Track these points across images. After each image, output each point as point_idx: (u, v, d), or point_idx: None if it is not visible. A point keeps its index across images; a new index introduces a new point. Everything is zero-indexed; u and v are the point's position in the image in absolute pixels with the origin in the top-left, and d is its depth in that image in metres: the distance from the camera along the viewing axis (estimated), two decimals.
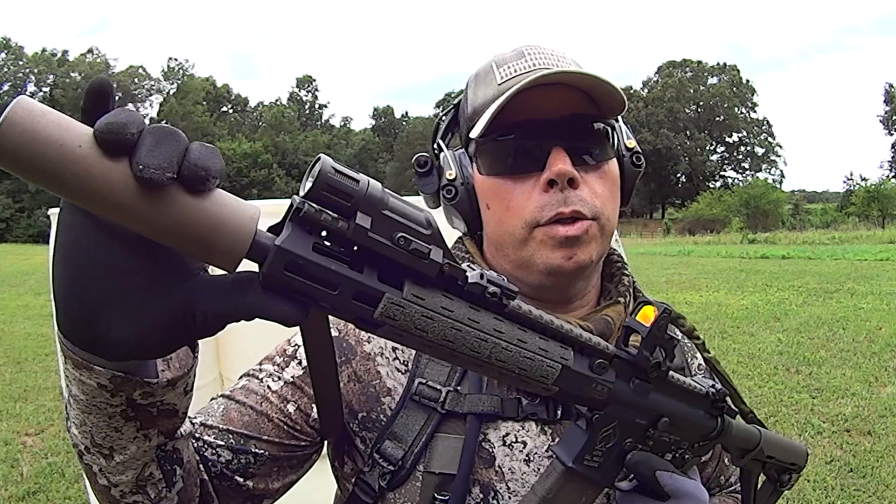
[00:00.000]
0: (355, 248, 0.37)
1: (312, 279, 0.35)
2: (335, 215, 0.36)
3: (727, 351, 6.15)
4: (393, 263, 0.38)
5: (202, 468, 0.59)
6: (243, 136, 50.60)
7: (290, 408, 0.63)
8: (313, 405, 0.63)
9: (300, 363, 0.65)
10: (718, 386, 0.62)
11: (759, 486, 0.79)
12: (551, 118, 0.61)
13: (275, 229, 0.37)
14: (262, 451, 0.62)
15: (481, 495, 0.62)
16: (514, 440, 0.63)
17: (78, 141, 0.31)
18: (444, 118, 0.73)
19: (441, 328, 0.40)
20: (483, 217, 0.67)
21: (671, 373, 0.57)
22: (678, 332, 0.72)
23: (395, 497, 0.62)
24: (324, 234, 0.36)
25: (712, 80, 57.72)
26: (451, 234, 0.70)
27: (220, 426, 0.61)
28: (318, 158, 0.36)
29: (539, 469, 0.62)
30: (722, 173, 60.30)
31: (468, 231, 0.71)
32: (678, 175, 59.17)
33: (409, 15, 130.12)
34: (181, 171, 0.32)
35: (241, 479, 0.61)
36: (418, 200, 0.72)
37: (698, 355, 0.78)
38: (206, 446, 0.60)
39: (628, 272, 0.72)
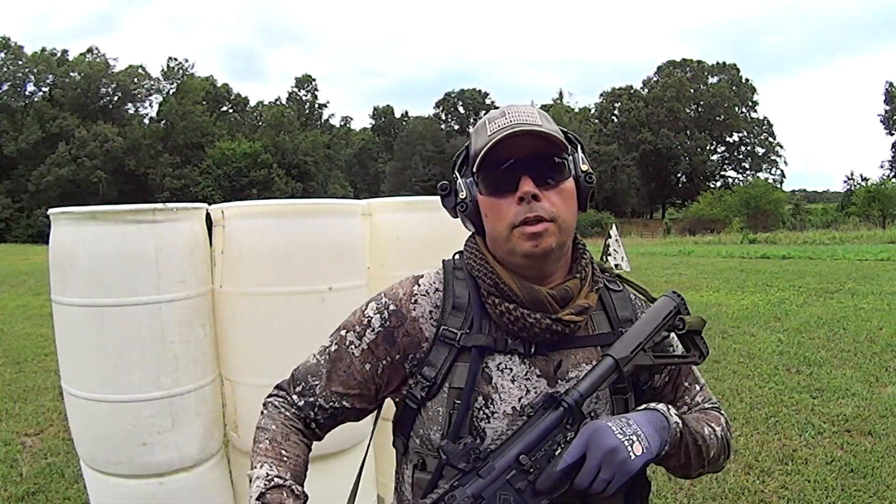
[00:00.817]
0: None
1: None
2: None
3: (727, 351, 6.14)
4: None
5: (315, 416, 0.98)
6: (243, 136, 50.47)
7: (367, 367, 0.97)
8: (380, 363, 0.96)
9: (373, 330, 0.96)
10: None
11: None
12: (521, 156, 0.89)
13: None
14: (349, 405, 0.98)
15: (482, 401, 0.91)
16: (504, 367, 0.92)
17: None
18: (458, 157, 0.99)
19: None
20: (484, 223, 0.95)
21: (487, 458, 0.83)
22: (630, 292, 1.04)
23: (430, 404, 0.93)
24: None
25: (712, 80, 57.65)
26: (466, 232, 1.03)
27: (323, 389, 0.97)
28: None
29: (521, 386, 0.91)
30: (722, 173, 60.23)
31: (476, 231, 0.99)
32: (678, 175, 59.10)
33: (409, 14, 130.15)
34: None
35: (331, 423, 1.00)
36: (419, 199, 1.30)
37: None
38: (315, 411, 0.98)
39: (587, 256, 0.99)
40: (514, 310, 0.91)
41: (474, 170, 0.92)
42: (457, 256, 1.01)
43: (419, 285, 0.98)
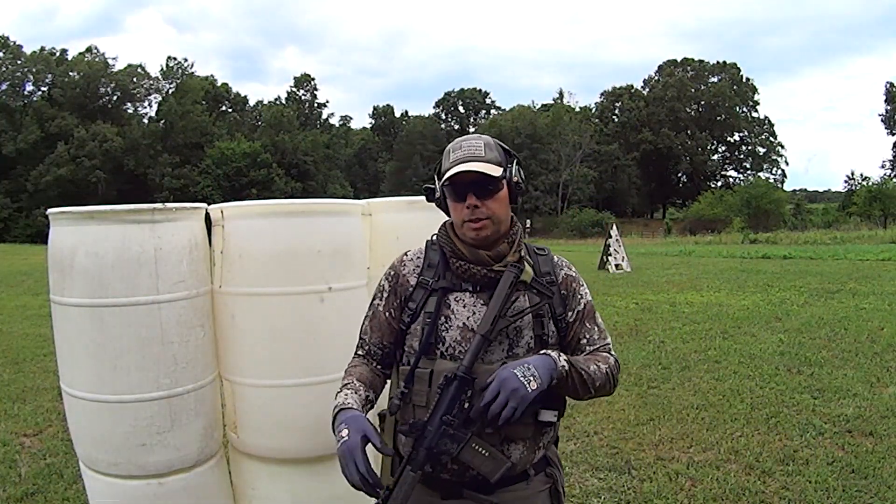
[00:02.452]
0: None
1: None
2: None
3: (728, 351, 6.13)
4: None
5: (372, 360, 1.51)
6: (242, 136, 50.41)
7: (387, 314, 1.49)
8: (392, 308, 1.48)
9: (386, 290, 1.49)
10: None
11: None
12: (468, 180, 1.36)
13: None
14: (387, 343, 1.49)
15: (444, 320, 1.41)
16: (459, 299, 1.42)
17: None
18: (436, 168, 1.46)
19: None
20: (451, 214, 1.46)
21: (426, 425, 1.32)
22: (554, 257, 1.50)
23: (413, 326, 1.43)
24: None
25: (713, 79, 57.57)
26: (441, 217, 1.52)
27: (370, 338, 1.51)
28: None
29: (469, 310, 1.40)
30: (723, 173, 60.18)
31: (447, 216, 1.49)
32: (679, 175, 59.05)
33: (411, 14, 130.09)
34: None
35: (384, 364, 1.51)
36: (419, 199, 1.58)
37: (565, 269, 1.50)
38: (372, 353, 1.51)
39: (517, 232, 1.45)
40: (465, 265, 1.40)
41: (442, 186, 1.43)
42: (434, 237, 1.51)
43: (407, 255, 1.52)
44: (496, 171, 1.37)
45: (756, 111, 58.10)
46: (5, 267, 17.29)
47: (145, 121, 49.34)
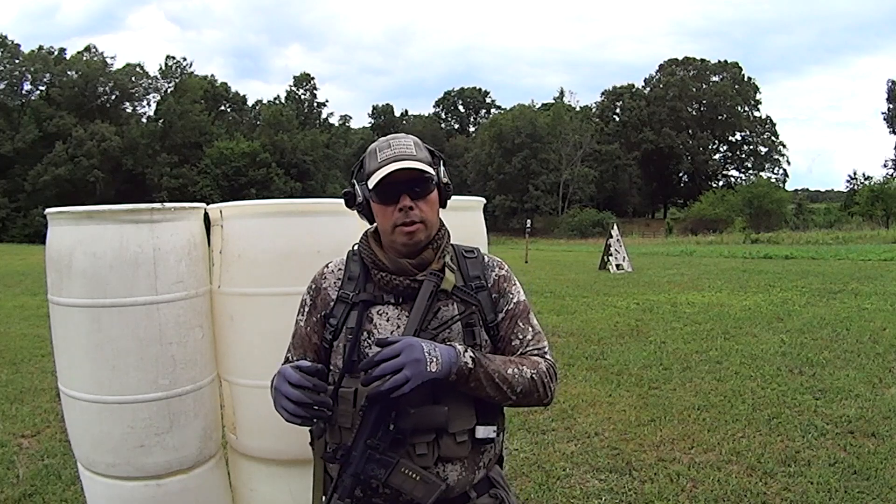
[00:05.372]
0: None
1: None
2: None
3: (730, 352, 6.12)
4: None
5: None
6: (241, 135, 50.42)
7: (308, 328, 1.42)
8: (313, 323, 1.41)
9: (307, 304, 1.43)
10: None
11: None
12: (401, 179, 1.27)
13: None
14: (311, 356, 1.40)
15: (366, 335, 1.32)
16: (382, 312, 1.34)
17: None
18: (355, 169, 1.39)
19: None
20: (376, 219, 1.36)
21: (349, 450, 1.24)
22: (486, 258, 1.42)
23: (335, 343, 1.35)
24: None
25: (715, 79, 57.54)
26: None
27: (293, 356, 1.44)
28: None
29: (394, 324, 1.32)
30: (724, 172, 60.18)
31: (368, 222, 1.41)
32: (680, 174, 59.04)
33: (415, 14, 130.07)
34: None
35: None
36: None
37: (496, 270, 1.41)
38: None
39: (443, 237, 1.38)
40: (386, 276, 1.32)
41: (370, 187, 1.31)
42: (355, 246, 1.43)
43: (328, 267, 1.44)
44: (430, 170, 1.31)
45: (758, 110, 58.14)
46: (3, 267, 17.29)
47: (144, 120, 49.35)
